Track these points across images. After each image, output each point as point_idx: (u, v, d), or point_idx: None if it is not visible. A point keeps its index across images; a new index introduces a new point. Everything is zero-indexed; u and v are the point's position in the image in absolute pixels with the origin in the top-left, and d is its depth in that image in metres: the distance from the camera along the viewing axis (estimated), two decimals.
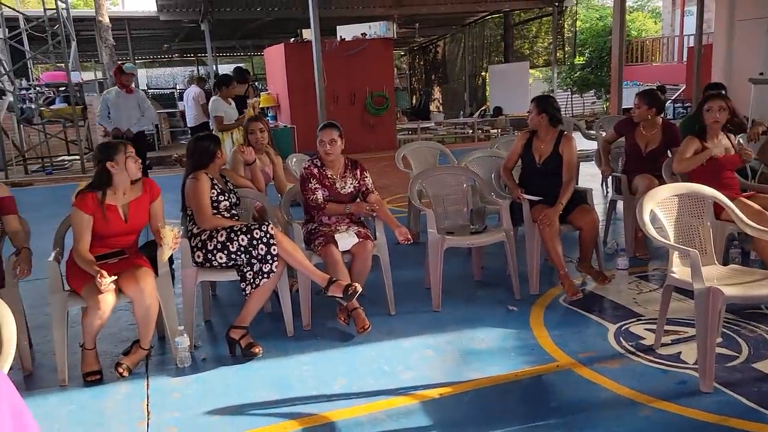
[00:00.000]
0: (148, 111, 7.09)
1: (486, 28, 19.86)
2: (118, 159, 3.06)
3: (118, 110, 6.86)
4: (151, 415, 2.70)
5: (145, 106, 7.04)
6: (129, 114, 6.87)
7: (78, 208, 3.02)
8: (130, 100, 6.91)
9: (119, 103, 6.86)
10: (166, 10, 13.84)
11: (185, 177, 3.54)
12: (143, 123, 7.06)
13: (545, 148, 4.05)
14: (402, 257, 4.71)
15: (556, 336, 3.31)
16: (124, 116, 6.85)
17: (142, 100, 7.07)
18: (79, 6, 24.14)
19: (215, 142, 3.63)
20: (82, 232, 3.02)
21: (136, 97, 7.02)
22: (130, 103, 6.90)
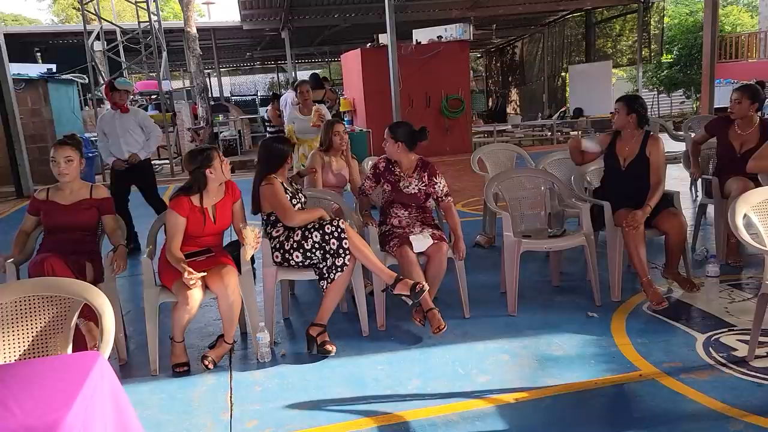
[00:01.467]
0: (154, 132, 5.77)
1: (566, 27, 19.37)
2: (215, 165, 3.23)
3: (115, 135, 5.56)
4: (234, 406, 2.82)
5: (148, 127, 5.74)
6: (128, 138, 5.58)
7: (174, 210, 3.21)
8: (128, 121, 5.60)
9: (114, 125, 5.56)
10: (249, 20, 14.40)
11: (256, 180, 3.60)
12: (149, 148, 5.74)
13: (630, 149, 3.90)
14: (477, 260, 4.69)
15: (639, 344, 3.19)
16: (122, 141, 5.56)
17: (143, 120, 5.74)
18: (168, 18, 25.53)
19: (288, 146, 3.70)
20: (174, 232, 3.20)
21: (135, 117, 5.68)
22: (128, 124, 5.59)
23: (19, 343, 2.14)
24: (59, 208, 3.36)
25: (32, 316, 2.15)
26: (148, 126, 5.73)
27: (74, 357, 1.64)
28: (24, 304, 2.16)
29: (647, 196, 3.75)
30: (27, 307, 2.16)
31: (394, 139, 3.75)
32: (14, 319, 2.14)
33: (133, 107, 6.00)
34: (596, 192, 4.15)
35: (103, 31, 12.41)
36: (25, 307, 2.16)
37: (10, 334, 2.12)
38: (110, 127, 5.55)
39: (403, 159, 3.81)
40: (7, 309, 2.14)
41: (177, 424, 2.70)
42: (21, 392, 1.38)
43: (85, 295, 2.07)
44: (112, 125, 5.55)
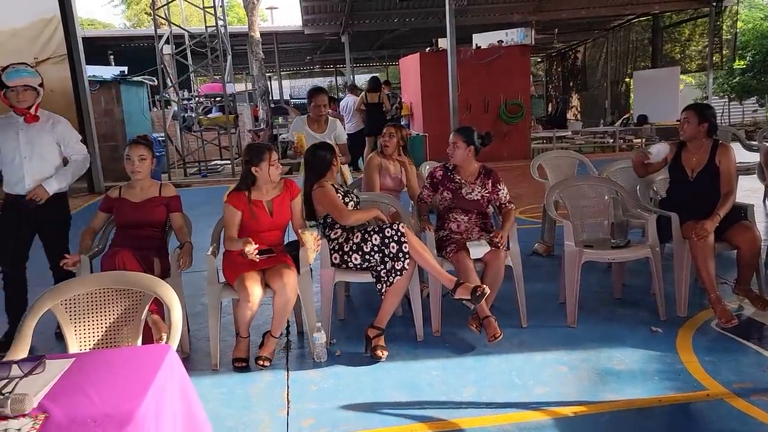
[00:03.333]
0: (78, 156, 3.77)
1: (632, 32, 18.82)
2: (262, 166, 3.31)
3: (12, 155, 3.58)
4: (291, 404, 2.87)
5: (69, 144, 3.73)
6: (35, 161, 3.60)
7: (229, 203, 3.35)
8: (37, 135, 3.60)
9: (12, 141, 3.57)
10: (311, 24, 14.66)
11: (307, 187, 3.62)
12: (65, 178, 3.69)
13: (698, 160, 3.76)
14: (535, 269, 4.61)
15: (707, 363, 3.06)
16: (25, 165, 3.57)
17: (63, 134, 3.70)
18: (233, 23, 26.28)
19: (331, 151, 3.72)
20: (230, 223, 3.33)
21: (50, 128, 3.65)
22: (37, 139, 3.60)
23: (93, 334, 2.25)
24: (131, 205, 3.51)
25: (105, 308, 2.25)
26: (70, 143, 3.72)
27: (146, 349, 1.72)
28: (98, 297, 2.26)
29: (717, 206, 3.60)
30: (101, 299, 2.26)
31: (467, 143, 3.73)
32: (89, 311, 2.24)
33: (50, 113, 3.73)
34: (662, 203, 4.01)
35: (172, 35, 12.88)
36: (99, 299, 2.26)
37: (84, 324, 2.23)
38: (5, 142, 3.56)
39: (467, 165, 3.79)
40: (82, 301, 2.25)
41: (236, 418, 2.77)
42: (99, 381, 1.46)
43: (156, 289, 2.15)
44: (7, 140, 3.55)
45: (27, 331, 2.04)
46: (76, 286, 2.24)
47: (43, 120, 3.62)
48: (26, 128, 3.55)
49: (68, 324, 2.19)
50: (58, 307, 2.18)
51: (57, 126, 3.68)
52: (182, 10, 15.35)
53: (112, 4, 51.52)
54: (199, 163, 12.93)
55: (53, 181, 3.62)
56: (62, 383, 1.48)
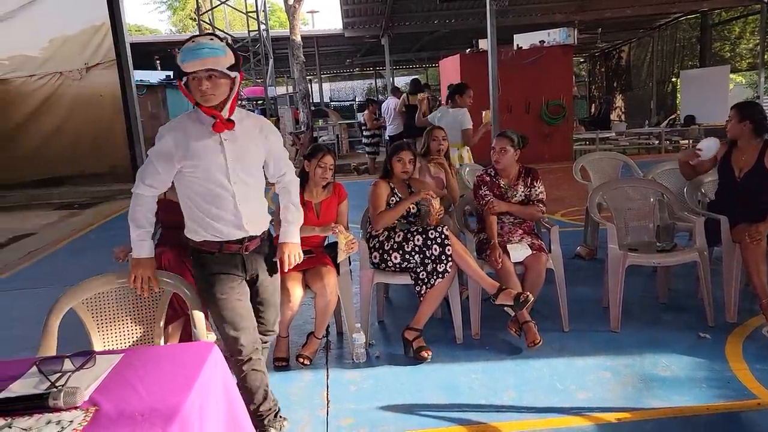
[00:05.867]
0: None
1: (679, 30, 18.31)
2: (312, 162, 3.38)
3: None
4: (330, 404, 2.90)
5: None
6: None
7: None
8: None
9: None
10: (351, 27, 14.75)
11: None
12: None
13: (747, 160, 3.64)
14: (577, 272, 4.53)
15: (758, 371, 2.95)
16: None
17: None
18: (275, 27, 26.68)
19: (403, 152, 3.71)
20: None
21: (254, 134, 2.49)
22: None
23: (117, 333, 2.34)
24: (174, 205, 3.59)
25: (128, 306, 2.36)
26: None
27: (191, 346, 1.76)
28: (121, 294, 2.37)
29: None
30: (123, 297, 2.38)
31: (514, 147, 3.71)
32: (111, 309, 2.34)
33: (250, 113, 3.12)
34: (711, 205, 3.90)
35: None
36: (122, 297, 2.38)
37: (107, 323, 2.32)
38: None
39: (512, 169, 3.77)
40: (104, 299, 2.35)
41: None
42: (146, 376, 1.50)
43: (180, 286, 2.22)
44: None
45: (51, 330, 2.12)
46: (96, 285, 2.32)
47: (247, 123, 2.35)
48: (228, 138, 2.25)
49: (91, 323, 2.27)
50: (79, 306, 2.26)
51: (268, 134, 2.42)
52: (226, 15, 15.67)
53: (158, 11, 53.01)
54: None
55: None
56: (111, 378, 1.53)
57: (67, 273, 5.66)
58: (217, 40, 2.14)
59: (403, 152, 3.65)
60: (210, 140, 2.20)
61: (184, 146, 2.19)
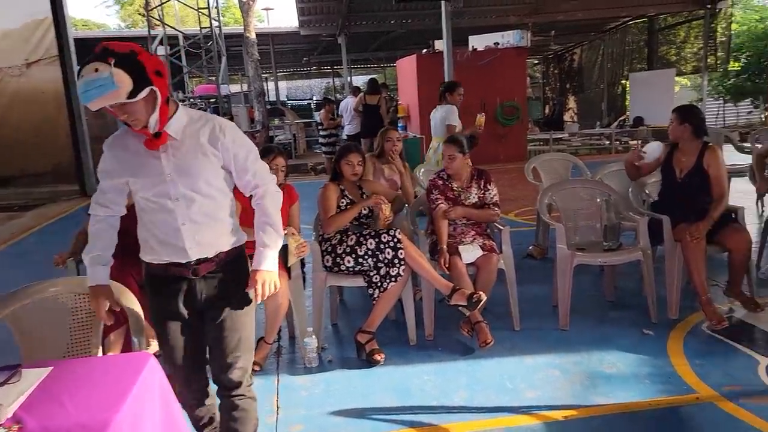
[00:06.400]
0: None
1: (627, 34, 18.83)
2: None
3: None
4: (280, 410, 2.86)
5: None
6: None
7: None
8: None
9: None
10: (307, 25, 14.62)
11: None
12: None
13: (687, 161, 3.76)
14: (529, 271, 4.60)
15: (697, 366, 3.05)
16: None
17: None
18: (229, 24, 26.25)
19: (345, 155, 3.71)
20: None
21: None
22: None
23: (50, 344, 2.22)
24: None
25: (61, 317, 2.24)
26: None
27: (126, 357, 1.70)
28: (53, 305, 2.24)
29: (709, 208, 3.60)
30: (55, 307, 2.26)
31: (462, 153, 3.73)
32: (43, 320, 2.22)
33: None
34: (654, 206, 4.01)
35: (166, 36, 12.85)
36: (54, 307, 2.25)
37: (39, 334, 2.21)
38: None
39: (464, 171, 3.79)
40: (35, 309, 2.22)
41: None
42: (76, 390, 1.44)
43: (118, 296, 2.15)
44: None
45: None
46: (28, 293, 2.20)
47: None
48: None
49: (22, 334, 2.15)
50: (9, 316, 2.14)
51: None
52: (176, 11, 15.32)
53: (105, 5, 51.39)
54: None
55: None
56: (38, 393, 1.46)
57: (2, 280, 5.41)
58: (104, 69, 1.72)
59: (351, 155, 3.63)
60: (147, 155, 1.96)
61: (123, 162, 2.00)
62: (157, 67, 1.82)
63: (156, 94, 1.84)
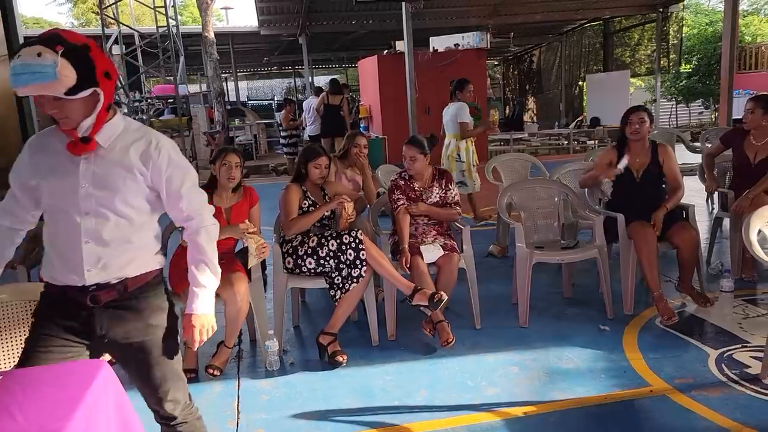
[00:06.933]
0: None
1: (584, 36, 19.26)
2: (216, 164, 3.28)
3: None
4: (240, 414, 2.82)
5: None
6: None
7: None
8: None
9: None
10: (267, 25, 14.48)
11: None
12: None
13: (641, 161, 3.88)
14: (489, 271, 4.66)
15: (651, 359, 3.14)
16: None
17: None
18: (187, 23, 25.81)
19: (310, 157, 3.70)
20: None
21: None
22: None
23: (6, 351, 2.15)
24: None
25: (20, 319, 2.15)
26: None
27: (79, 365, 1.65)
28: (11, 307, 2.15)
29: (665, 200, 3.75)
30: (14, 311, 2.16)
31: (424, 154, 3.74)
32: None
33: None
34: (608, 205, 4.12)
35: (121, 35, 12.55)
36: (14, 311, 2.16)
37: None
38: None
39: (426, 172, 3.81)
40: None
41: None
42: (25, 400, 1.39)
43: None
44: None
45: None
46: None
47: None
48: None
49: None
50: None
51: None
52: (132, 9, 14.98)
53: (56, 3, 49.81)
54: None
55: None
56: None
57: None
58: (49, 54, 1.53)
59: (320, 158, 3.61)
60: (65, 158, 1.71)
61: (38, 163, 1.76)
62: (107, 68, 1.66)
63: (99, 97, 1.66)
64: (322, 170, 3.61)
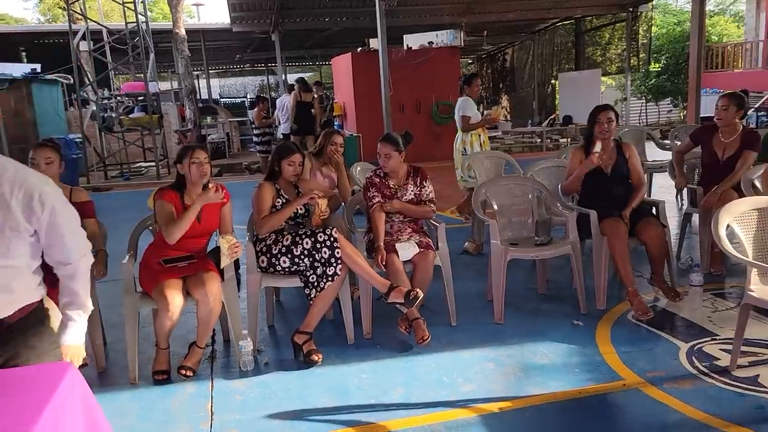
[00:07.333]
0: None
1: (556, 35, 19.47)
2: (184, 163, 3.21)
3: None
4: (214, 416, 2.78)
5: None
6: None
7: (161, 198, 3.19)
8: None
9: None
10: (239, 22, 14.32)
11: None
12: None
13: (608, 159, 3.94)
14: (464, 268, 4.68)
15: (624, 353, 3.18)
16: None
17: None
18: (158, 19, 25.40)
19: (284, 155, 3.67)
20: (167, 219, 3.16)
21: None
22: None
23: None
24: None
25: None
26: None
27: (44, 368, 1.60)
28: None
29: (629, 199, 3.85)
30: None
31: (398, 151, 3.73)
32: None
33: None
34: (580, 202, 4.16)
35: (89, 31, 12.29)
36: None
37: None
38: None
39: (401, 169, 3.80)
40: None
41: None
42: None
43: None
44: None
45: None
46: None
47: None
48: None
49: None
50: None
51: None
52: (100, 5, 14.68)
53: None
54: (122, 166, 12.40)
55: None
56: None
57: None
58: None
59: (294, 155, 3.56)
60: None
61: None
62: None
63: None
64: (296, 167, 3.57)
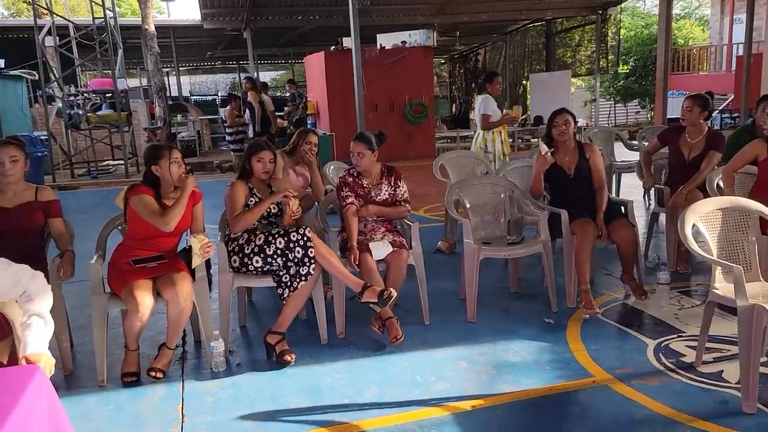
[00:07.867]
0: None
1: (527, 37, 19.69)
2: (161, 164, 3.15)
3: None
4: (185, 418, 2.74)
5: None
6: None
7: (139, 194, 3.12)
8: None
9: None
10: (210, 19, 14.14)
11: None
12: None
13: (570, 159, 4.04)
14: (437, 267, 4.70)
15: (594, 350, 3.24)
16: None
17: None
18: (126, 15, 24.93)
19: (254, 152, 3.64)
20: (158, 211, 3.09)
21: None
22: None
23: None
24: (2, 211, 3.21)
25: None
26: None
27: (11, 371, 1.56)
28: None
29: (597, 203, 3.93)
30: None
31: (371, 150, 3.72)
32: None
33: None
34: (550, 203, 4.22)
35: (55, 26, 12.01)
36: None
37: None
38: None
39: (374, 168, 3.79)
40: None
41: None
42: None
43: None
44: None
45: None
46: None
47: None
48: None
49: None
50: None
51: None
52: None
53: None
54: (89, 164, 12.14)
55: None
56: None
57: None
58: None
59: (263, 152, 3.54)
60: None
61: None
62: None
63: None
64: (266, 164, 3.54)
